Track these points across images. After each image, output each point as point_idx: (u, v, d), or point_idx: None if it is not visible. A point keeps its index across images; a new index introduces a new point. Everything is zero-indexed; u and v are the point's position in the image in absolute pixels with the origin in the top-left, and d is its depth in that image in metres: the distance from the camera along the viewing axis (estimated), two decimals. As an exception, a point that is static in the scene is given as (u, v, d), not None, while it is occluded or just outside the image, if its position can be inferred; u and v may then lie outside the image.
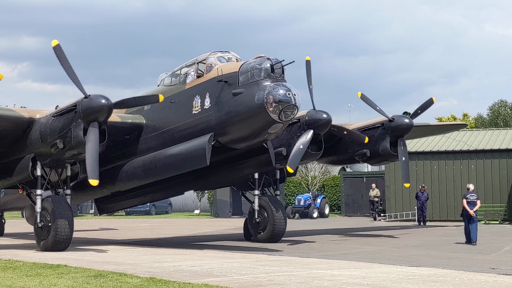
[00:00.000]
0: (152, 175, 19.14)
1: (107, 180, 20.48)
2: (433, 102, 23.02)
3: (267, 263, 14.24)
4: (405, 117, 22.68)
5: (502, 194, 32.49)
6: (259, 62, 16.88)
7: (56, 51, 16.88)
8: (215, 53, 18.43)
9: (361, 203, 41.15)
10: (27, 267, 13.48)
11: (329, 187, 47.15)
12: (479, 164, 33.09)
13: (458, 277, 11.66)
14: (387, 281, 11.02)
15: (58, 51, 16.88)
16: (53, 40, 16.80)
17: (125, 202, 22.88)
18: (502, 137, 35.12)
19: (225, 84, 17.33)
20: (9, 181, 19.58)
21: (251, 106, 16.68)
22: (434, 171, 33.77)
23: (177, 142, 18.53)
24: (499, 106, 62.74)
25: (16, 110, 18.99)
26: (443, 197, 33.44)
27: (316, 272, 12.37)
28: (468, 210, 19.60)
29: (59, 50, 16.89)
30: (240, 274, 12.09)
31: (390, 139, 22.14)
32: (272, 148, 19.38)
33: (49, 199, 18.29)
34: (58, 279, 11.37)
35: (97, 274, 11.99)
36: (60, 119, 17.43)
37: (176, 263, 14.30)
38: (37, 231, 18.28)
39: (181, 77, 19.05)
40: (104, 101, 17.02)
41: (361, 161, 23.35)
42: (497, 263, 14.28)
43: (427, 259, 15.22)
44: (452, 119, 62.73)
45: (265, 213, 20.94)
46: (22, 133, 18.46)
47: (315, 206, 40.08)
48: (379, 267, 13.42)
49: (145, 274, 11.87)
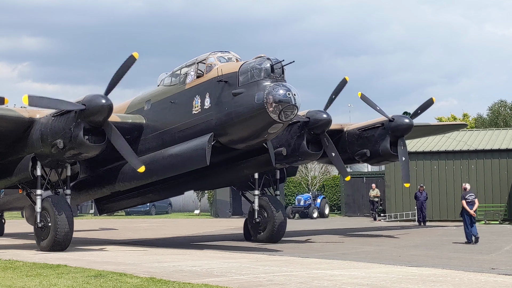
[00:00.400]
0: (152, 175, 19.12)
1: (107, 180, 20.51)
2: (433, 102, 23.02)
3: (267, 263, 14.24)
4: (405, 117, 22.66)
5: (502, 194, 32.48)
6: (259, 62, 16.88)
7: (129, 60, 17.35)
8: (215, 53, 18.42)
9: (361, 203, 41.14)
10: (27, 267, 13.49)
11: (329, 187, 47.14)
12: (479, 164, 33.09)
13: (458, 277, 11.67)
14: (387, 281, 11.02)
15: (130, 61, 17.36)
16: (134, 52, 17.40)
17: (125, 202, 22.88)
18: (502, 137, 35.13)
19: (225, 84, 17.33)
20: (9, 181, 19.58)
21: (251, 106, 16.68)
22: (434, 171, 33.77)
23: (177, 142, 18.53)
24: (499, 106, 62.72)
25: (16, 110, 18.99)
26: (443, 197, 33.43)
27: (316, 272, 12.37)
28: (469, 211, 19.60)
29: (131, 61, 17.36)
30: (240, 274, 12.09)
31: (390, 139, 22.12)
32: (272, 148, 19.38)
33: (49, 199, 18.30)
34: (58, 279, 11.38)
35: (97, 274, 12.00)
36: (60, 119, 17.44)
37: (176, 263, 14.30)
38: (37, 231, 18.29)
39: (181, 77, 19.05)
40: (104, 100, 17.05)
41: (361, 161, 23.34)
42: (497, 263, 14.29)
43: (427, 259, 15.22)
44: (452, 119, 62.71)
45: (265, 213, 20.94)
46: (22, 133, 18.46)
47: (315, 206, 40.07)
48: (379, 267, 13.43)
49: (145, 274, 11.87)
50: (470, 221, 19.70)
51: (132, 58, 17.36)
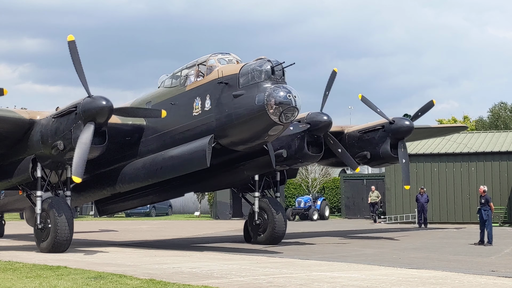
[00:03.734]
0: (153, 176, 19.13)
1: (108, 182, 20.52)
2: (433, 104, 23.01)
3: (267, 265, 14.24)
4: (406, 119, 22.62)
5: (502, 197, 32.47)
6: (259, 64, 16.87)
7: (71, 46, 16.88)
8: (216, 55, 18.42)
9: (361, 205, 41.13)
10: (27, 268, 13.49)
11: (329, 189, 47.13)
12: (479, 166, 33.08)
13: (458, 279, 11.66)
14: (387, 284, 11.01)
15: (72, 46, 16.89)
16: (69, 35, 16.84)
17: (125, 204, 22.89)
18: (503, 139, 35.13)
19: (225, 86, 17.32)
20: (9, 183, 19.58)
21: (251, 108, 16.68)
22: (435, 173, 33.77)
23: (177, 144, 18.53)
24: (499, 109, 62.77)
25: (16, 112, 18.99)
26: (444, 200, 33.42)
27: (316, 274, 12.36)
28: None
29: (73, 46, 16.89)
30: (240, 276, 12.09)
31: (391, 141, 22.10)
32: (272, 150, 19.37)
33: (49, 200, 18.29)
34: (58, 281, 11.38)
35: (97, 275, 11.99)
36: (61, 120, 17.43)
37: (176, 264, 14.29)
38: (37, 233, 18.28)
39: (182, 79, 19.05)
40: (104, 102, 17.04)
41: (361, 163, 23.33)
42: (497, 266, 14.28)
43: (427, 262, 15.20)
44: (453, 121, 62.71)
45: (265, 215, 20.92)
46: (22, 135, 18.46)
47: (315, 208, 40.06)
48: (379, 269, 13.42)
49: (145, 276, 11.87)
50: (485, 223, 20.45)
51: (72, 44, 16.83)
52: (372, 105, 22.20)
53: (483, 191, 20.77)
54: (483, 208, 20.43)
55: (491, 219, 20.60)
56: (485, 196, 20.65)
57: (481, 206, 20.64)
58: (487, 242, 20.11)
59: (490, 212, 20.47)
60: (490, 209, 20.51)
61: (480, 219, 20.58)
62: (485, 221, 20.30)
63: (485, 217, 20.29)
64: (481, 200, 20.69)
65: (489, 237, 20.24)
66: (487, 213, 20.34)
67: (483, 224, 20.35)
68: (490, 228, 20.39)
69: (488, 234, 20.28)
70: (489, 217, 20.38)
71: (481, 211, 20.47)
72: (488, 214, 20.36)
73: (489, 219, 20.41)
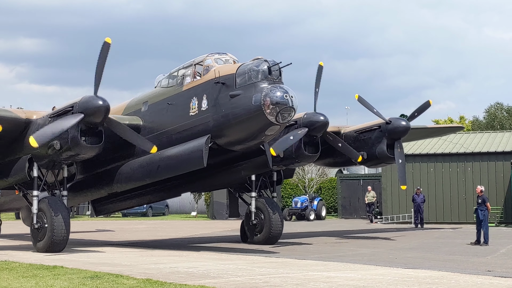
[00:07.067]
0: (149, 176, 19.12)
1: (104, 181, 20.49)
2: (430, 104, 23.06)
3: (264, 265, 14.25)
4: (402, 120, 22.64)
5: (498, 197, 32.53)
6: (256, 64, 16.88)
7: (105, 47, 17.11)
8: (213, 55, 18.43)
9: (357, 205, 41.17)
10: (23, 268, 13.48)
11: (326, 189, 47.17)
12: (475, 166, 33.14)
13: (454, 279, 11.68)
14: (383, 283, 11.03)
15: (105, 47, 17.11)
16: (107, 37, 17.19)
17: (121, 204, 22.88)
18: (499, 139, 35.19)
19: (222, 86, 17.32)
20: (5, 182, 19.57)
21: (248, 108, 16.69)
22: (431, 173, 33.82)
23: (174, 144, 18.52)
24: (495, 109, 62.90)
25: (13, 111, 18.97)
26: (440, 200, 33.47)
27: (312, 274, 12.38)
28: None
29: (106, 47, 17.12)
30: (237, 276, 12.10)
31: (387, 141, 22.13)
32: (269, 150, 19.38)
33: (45, 200, 18.27)
34: (54, 280, 11.37)
35: (93, 275, 11.99)
36: (57, 120, 17.41)
37: (172, 264, 14.29)
38: (34, 232, 18.26)
39: (178, 79, 19.04)
40: (101, 102, 17.06)
41: (358, 164, 23.36)
42: (493, 266, 14.31)
43: (423, 261, 15.23)
44: (449, 121, 62.82)
45: (262, 215, 20.92)
46: (19, 134, 18.45)
47: (312, 208, 40.10)
48: (375, 269, 13.44)
49: (141, 276, 11.87)
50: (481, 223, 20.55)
51: (106, 45, 17.16)
52: (369, 106, 22.23)
53: (480, 191, 20.82)
54: (480, 208, 20.50)
55: (487, 219, 20.66)
56: (482, 196, 20.71)
57: (478, 206, 20.72)
58: (483, 242, 20.17)
59: (486, 212, 20.53)
60: (487, 209, 20.57)
61: (476, 219, 20.65)
62: (482, 221, 20.35)
63: (481, 217, 20.35)
64: (478, 200, 20.77)
65: (485, 237, 20.30)
66: (484, 213, 20.40)
67: (480, 224, 20.42)
68: (486, 228, 20.44)
69: (484, 234, 20.33)
70: (485, 217, 20.45)
71: (478, 211, 20.54)
72: (485, 214, 20.43)
73: (486, 219, 20.47)
